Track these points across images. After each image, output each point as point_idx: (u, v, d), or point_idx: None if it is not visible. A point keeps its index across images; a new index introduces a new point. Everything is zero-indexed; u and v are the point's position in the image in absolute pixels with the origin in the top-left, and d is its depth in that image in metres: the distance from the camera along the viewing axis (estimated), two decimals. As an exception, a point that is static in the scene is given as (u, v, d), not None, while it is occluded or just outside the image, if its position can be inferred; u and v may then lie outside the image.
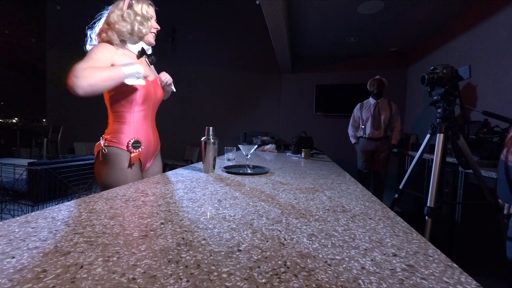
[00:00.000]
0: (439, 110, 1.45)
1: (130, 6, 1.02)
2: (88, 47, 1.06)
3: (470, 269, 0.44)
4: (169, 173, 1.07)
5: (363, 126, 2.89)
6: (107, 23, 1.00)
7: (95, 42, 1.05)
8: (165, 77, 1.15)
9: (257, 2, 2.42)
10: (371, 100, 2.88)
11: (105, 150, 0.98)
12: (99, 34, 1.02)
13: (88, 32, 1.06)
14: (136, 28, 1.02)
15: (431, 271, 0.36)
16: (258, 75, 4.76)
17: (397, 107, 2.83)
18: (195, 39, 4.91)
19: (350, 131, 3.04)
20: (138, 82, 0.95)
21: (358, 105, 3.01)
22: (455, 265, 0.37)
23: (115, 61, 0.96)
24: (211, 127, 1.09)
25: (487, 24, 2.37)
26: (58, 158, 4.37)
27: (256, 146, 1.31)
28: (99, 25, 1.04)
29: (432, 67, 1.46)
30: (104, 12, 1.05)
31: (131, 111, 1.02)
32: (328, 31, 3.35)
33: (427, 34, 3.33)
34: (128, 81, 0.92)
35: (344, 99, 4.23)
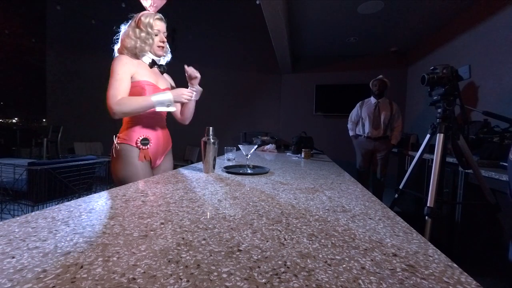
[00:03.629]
0: (439, 110, 1.45)
1: (139, 23, 1.12)
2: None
3: (470, 269, 0.44)
4: (169, 173, 1.07)
5: (362, 125, 2.89)
6: (120, 38, 1.15)
7: (117, 54, 1.17)
8: (193, 71, 1.24)
9: (257, 2, 2.42)
10: (372, 100, 2.88)
11: (117, 147, 1.10)
12: (118, 50, 1.16)
13: (114, 47, 1.19)
14: (138, 45, 1.12)
15: (431, 271, 0.36)
16: (258, 75, 4.76)
17: (398, 107, 2.83)
18: (195, 39, 4.91)
19: (349, 125, 3.05)
20: (169, 109, 1.10)
21: (359, 103, 3.01)
22: (455, 265, 0.37)
23: (133, 71, 1.08)
24: (211, 127, 1.09)
25: (487, 24, 2.37)
26: (58, 158, 4.37)
27: (256, 146, 1.31)
28: (120, 39, 1.17)
29: (432, 67, 1.46)
30: (122, 27, 1.18)
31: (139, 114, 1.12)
32: (328, 31, 3.35)
33: (427, 34, 3.33)
34: (159, 108, 1.07)
35: (344, 99, 4.23)
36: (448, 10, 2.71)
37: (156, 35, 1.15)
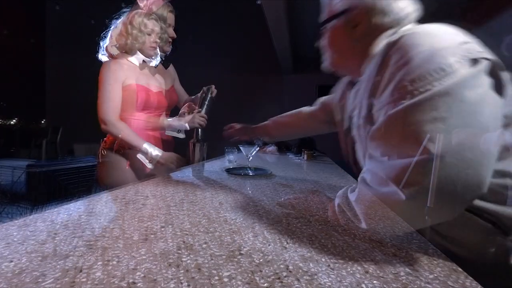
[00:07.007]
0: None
1: (132, 20, 1.08)
2: (100, 56, 1.15)
3: (470, 269, 0.44)
4: (170, 175, 1.06)
5: None
6: (111, 36, 1.11)
7: (104, 52, 1.14)
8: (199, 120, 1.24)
9: (258, 2, 2.42)
10: None
11: (104, 152, 1.06)
12: (106, 47, 1.12)
13: (101, 42, 1.15)
14: (129, 42, 1.08)
15: (436, 275, 0.35)
16: (259, 76, 4.76)
17: None
18: (196, 39, 4.91)
19: None
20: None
21: None
22: (459, 269, 0.37)
23: (124, 77, 1.06)
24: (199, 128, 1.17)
25: (487, 24, 2.37)
26: (57, 160, 4.36)
27: (257, 147, 1.30)
28: (108, 35, 1.14)
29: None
30: (114, 23, 1.14)
31: (131, 116, 1.08)
32: (328, 32, 3.35)
33: (427, 35, 3.33)
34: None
35: (344, 100, 4.23)
36: (448, 11, 2.72)
37: (149, 34, 1.11)
